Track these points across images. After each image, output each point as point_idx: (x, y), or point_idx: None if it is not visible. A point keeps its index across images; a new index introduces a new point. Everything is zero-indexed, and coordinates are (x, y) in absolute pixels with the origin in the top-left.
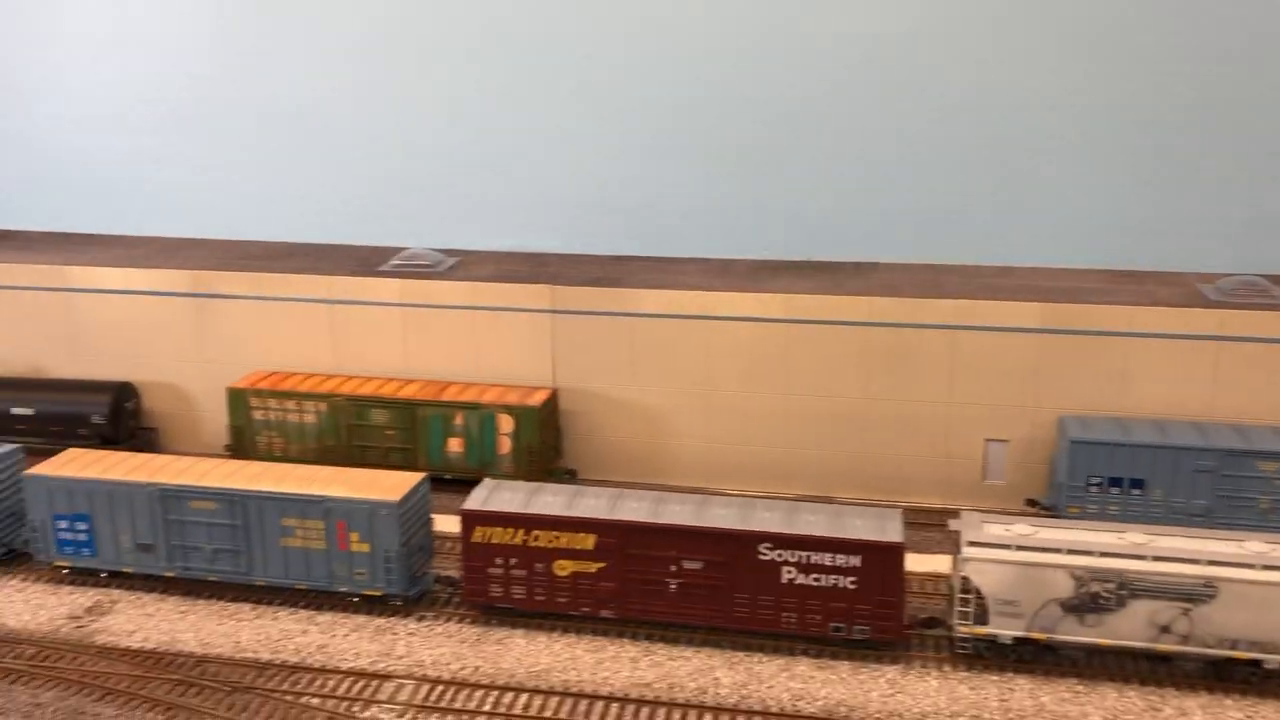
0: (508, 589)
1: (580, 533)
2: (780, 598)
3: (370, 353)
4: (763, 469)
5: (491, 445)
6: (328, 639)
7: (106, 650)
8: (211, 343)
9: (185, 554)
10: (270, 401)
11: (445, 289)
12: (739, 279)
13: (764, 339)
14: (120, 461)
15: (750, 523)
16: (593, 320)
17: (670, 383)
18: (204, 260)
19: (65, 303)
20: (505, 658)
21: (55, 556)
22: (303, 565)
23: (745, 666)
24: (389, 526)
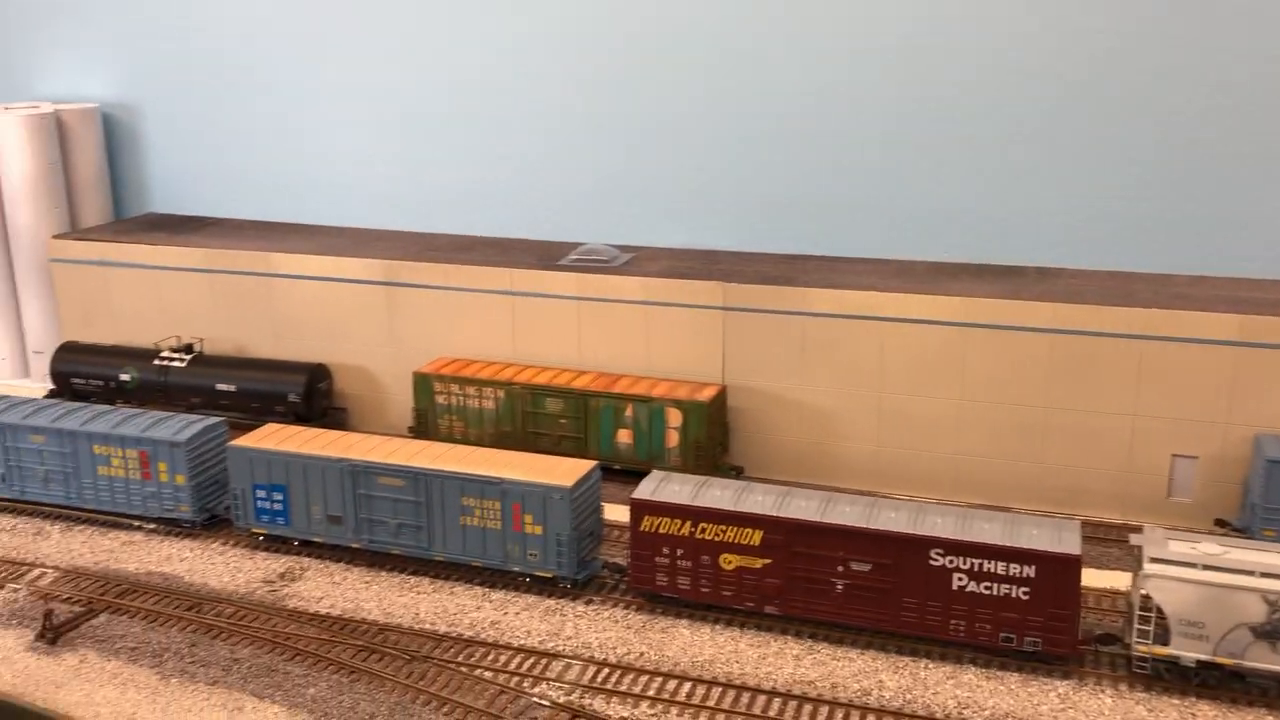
0: (673, 579)
1: (747, 528)
2: (949, 604)
3: (547, 344)
4: (934, 475)
5: (660, 438)
6: (500, 616)
7: (296, 614)
8: (400, 329)
9: (371, 527)
10: (452, 387)
11: (620, 283)
12: (916, 281)
13: (939, 342)
14: (314, 437)
15: (921, 527)
16: (764, 318)
17: (840, 384)
18: (395, 251)
19: (268, 288)
20: (669, 646)
21: (253, 524)
22: (479, 543)
23: (910, 671)
24: (561, 510)
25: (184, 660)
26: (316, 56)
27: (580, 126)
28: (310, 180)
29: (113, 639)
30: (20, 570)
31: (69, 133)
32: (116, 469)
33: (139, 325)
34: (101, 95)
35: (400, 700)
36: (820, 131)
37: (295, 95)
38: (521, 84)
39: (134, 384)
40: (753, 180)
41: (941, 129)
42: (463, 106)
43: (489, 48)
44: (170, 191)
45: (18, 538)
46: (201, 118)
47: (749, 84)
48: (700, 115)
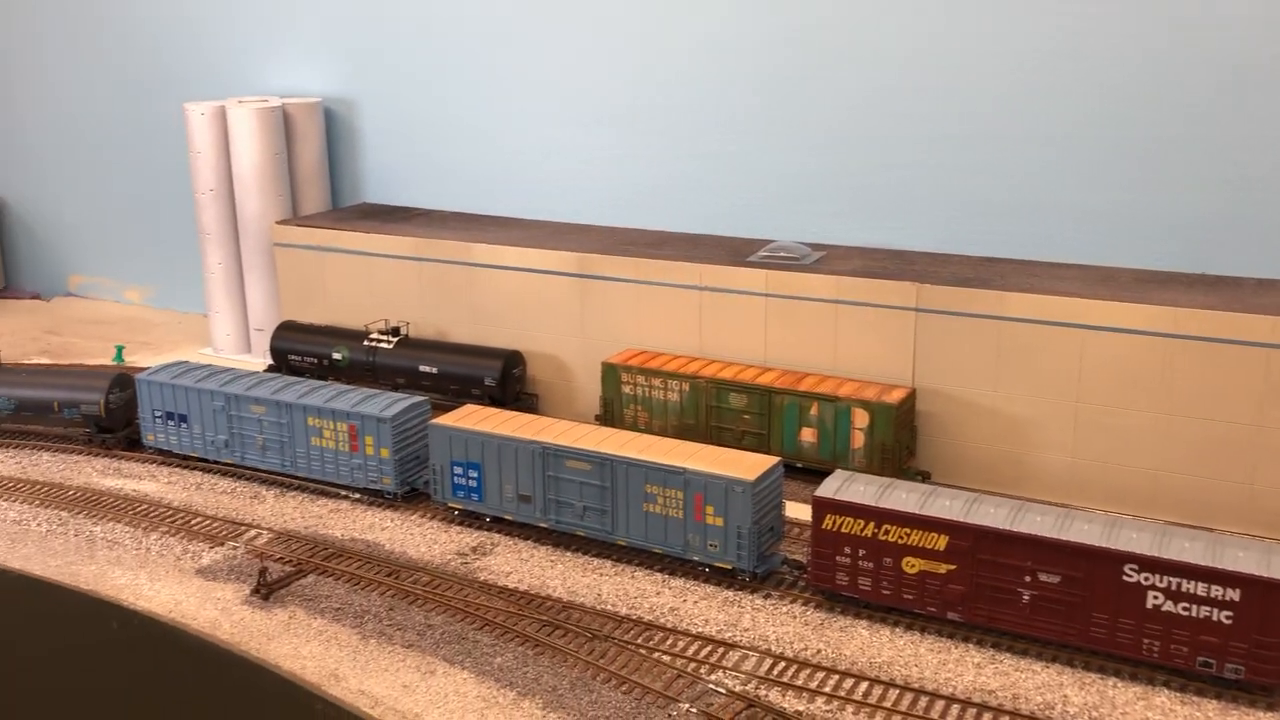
0: (854, 579)
1: (932, 532)
2: (1142, 623)
3: (733, 339)
4: (1132, 490)
5: (845, 438)
6: (679, 603)
7: (486, 586)
8: (590, 320)
9: (559, 508)
10: (639, 378)
11: (809, 281)
12: (1121, 288)
13: (1144, 353)
14: (508, 419)
15: (1116, 541)
16: (958, 321)
17: (1036, 392)
18: (588, 244)
19: (469, 276)
20: (847, 645)
21: (449, 499)
22: (661, 531)
23: (1098, 689)
24: (743, 503)
25: (382, 623)
26: (520, 55)
27: (774, 124)
28: (511, 175)
29: (319, 598)
30: (238, 530)
31: (294, 125)
32: (327, 441)
33: (351, 308)
34: (323, 90)
35: (581, 676)
36: (1021, 130)
37: (499, 92)
38: (716, 81)
39: (345, 363)
40: (950, 180)
41: (1154, 130)
42: (658, 103)
43: (685, 45)
44: (382, 183)
45: (237, 500)
46: (412, 113)
47: (947, 81)
48: (897, 113)
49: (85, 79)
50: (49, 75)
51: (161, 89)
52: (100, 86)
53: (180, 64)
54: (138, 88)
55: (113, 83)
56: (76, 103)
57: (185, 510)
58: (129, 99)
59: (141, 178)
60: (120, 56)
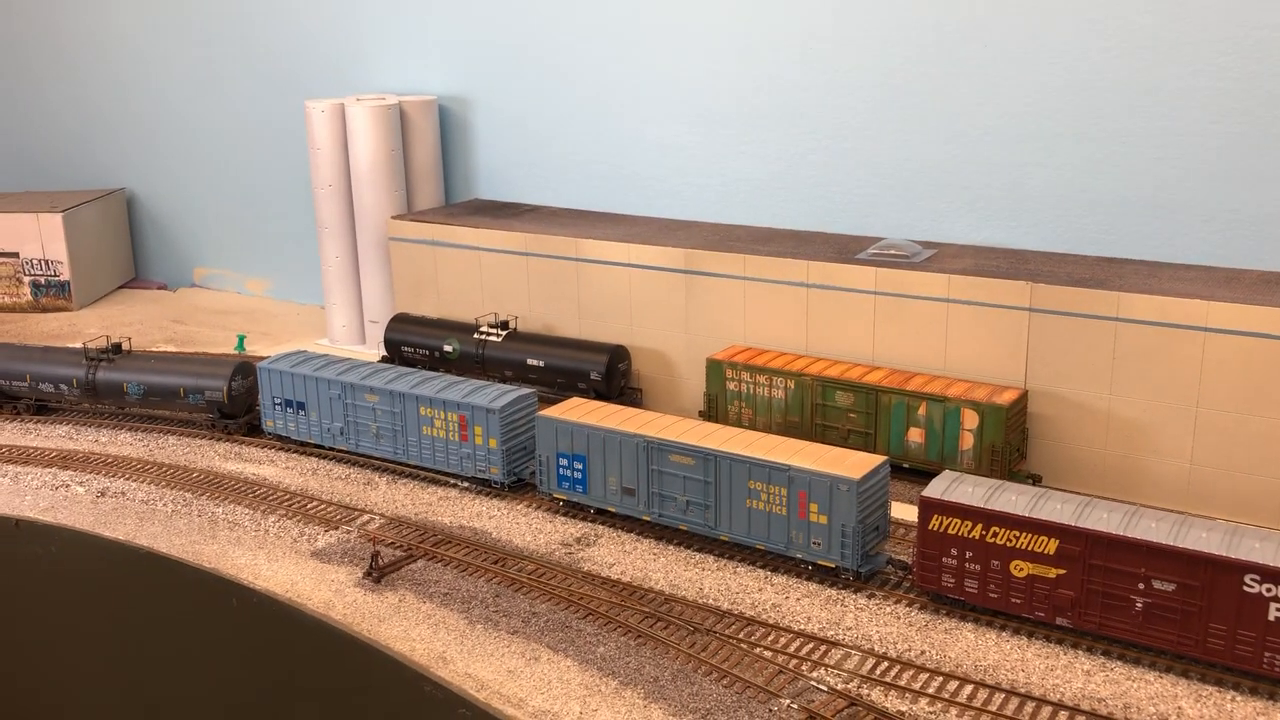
0: (960, 581)
1: (1043, 535)
2: (1264, 635)
3: (840, 337)
4: (1254, 499)
5: (953, 439)
6: (781, 599)
7: (590, 576)
8: (695, 316)
9: (662, 502)
10: (743, 374)
11: (919, 279)
12: (1245, 290)
13: (1269, 357)
14: (614, 413)
15: (1237, 550)
16: (1073, 322)
17: (1153, 396)
18: (695, 240)
19: (576, 271)
20: (952, 647)
21: (555, 489)
22: (764, 527)
23: (1215, 702)
24: (848, 502)
25: (488, 609)
26: (629, 51)
27: (885, 119)
28: (619, 171)
29: (428, 583)
30: (352, 514)
31: (409, 122)
32: (438, 430)
33: (461, 301)
34: (438, 88)
35: (683, 668)
36: (1141, 126)
37: (608, 89)
38: (825, 75)
39: (455, 354)
40: (1067, 177)
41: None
42: (766, 99)
43: (795, 39)
44: (494, 179)
45: (351, 485)
46: (524, 110)
47: (1063, 75)
48: (1011, 110)
49: (210, 77)
50: (175, 73)
51: (283, 86)
52: (225, 84)
53: (301, 62)
54: (261, 86)
55: (237, 81)
56: (202, 100)
57: (302, 494)
58: (252, 97)
59: (263, 173)
60: (243, 55)
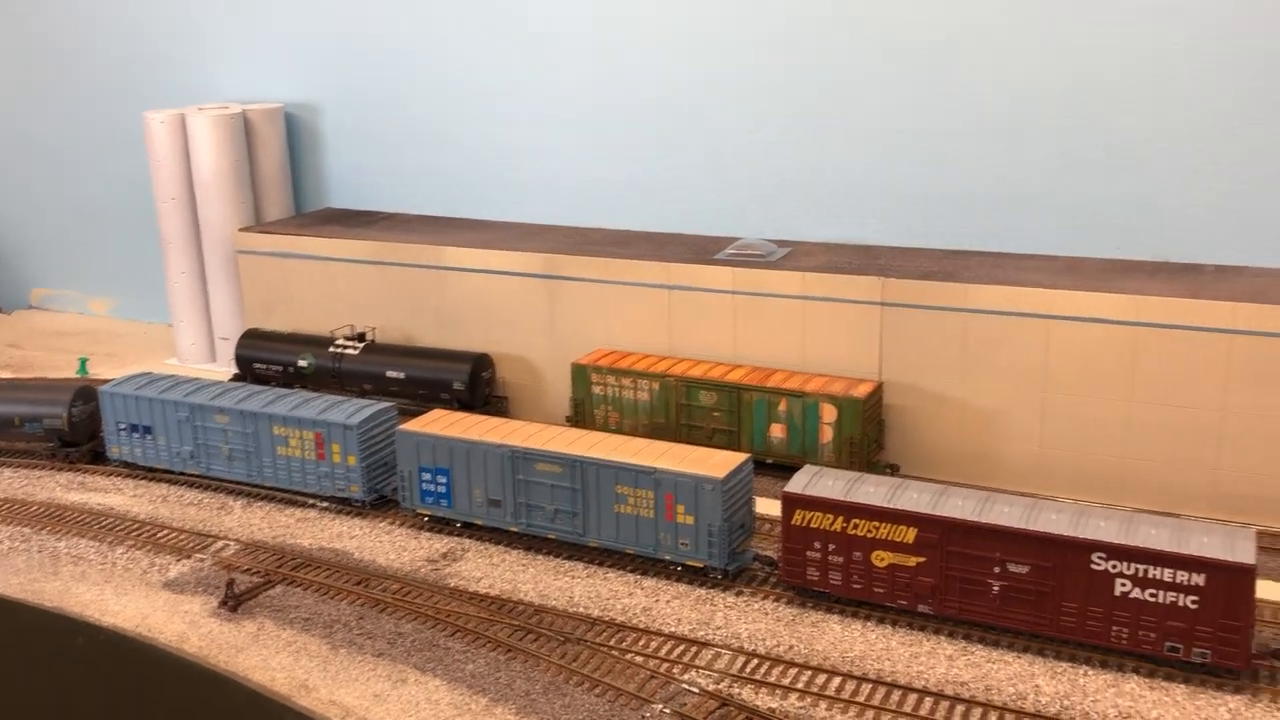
0: (824, 574)
1: (901, 525)
2: (1111, 610)
3: (702, 337)
4: (1099, 479)
5: (813, 433)
6: (652, 603)
7: (457, 592)
8: (559, 321)
9: (529, 511)
10: (609, 378)
11: (775, 278)
12: (1085, 278)
13: (1109, 342)
14: (478, 423)
15: (1084, 530)
16: (923, 314)
17: (1002, 383)
18: (555, 245)
19: (435, 279)
20: (819, 640)
21: (418, 505)
22: (632, 531)
23: (1069, 678)
24: (713, 501)
25: (352, 632)
26: (481, 55)
27: (737, 121)
28: (476, 177)
29: (288, 609)
30: (206, 541)
31: (255, 131)
32: (294, 449)
33: (315, 314)
34: (285, 96)
35: (554, 680)
36: (982, 123)
37: (462, 94)
38: (678, 79)
39: (310, 370)
40: (913, 173)
41: (1114, 121)
42: (622, 103)
43: (649, 45)
44: (346, 187)
45: (204, 511)
46: (375, 117)
47: (905, 75)
48: (859, 108)
49: (44, 88)
50: (5, 86)
51: (121, 97)
52: (59, 96)
53: (140, 72)
54: (97, 97)
55: (72, 92)
56: (35, 114)
57: (151, 523)
58: (88, 108)
59: (103, 188)
60: (79, 65)
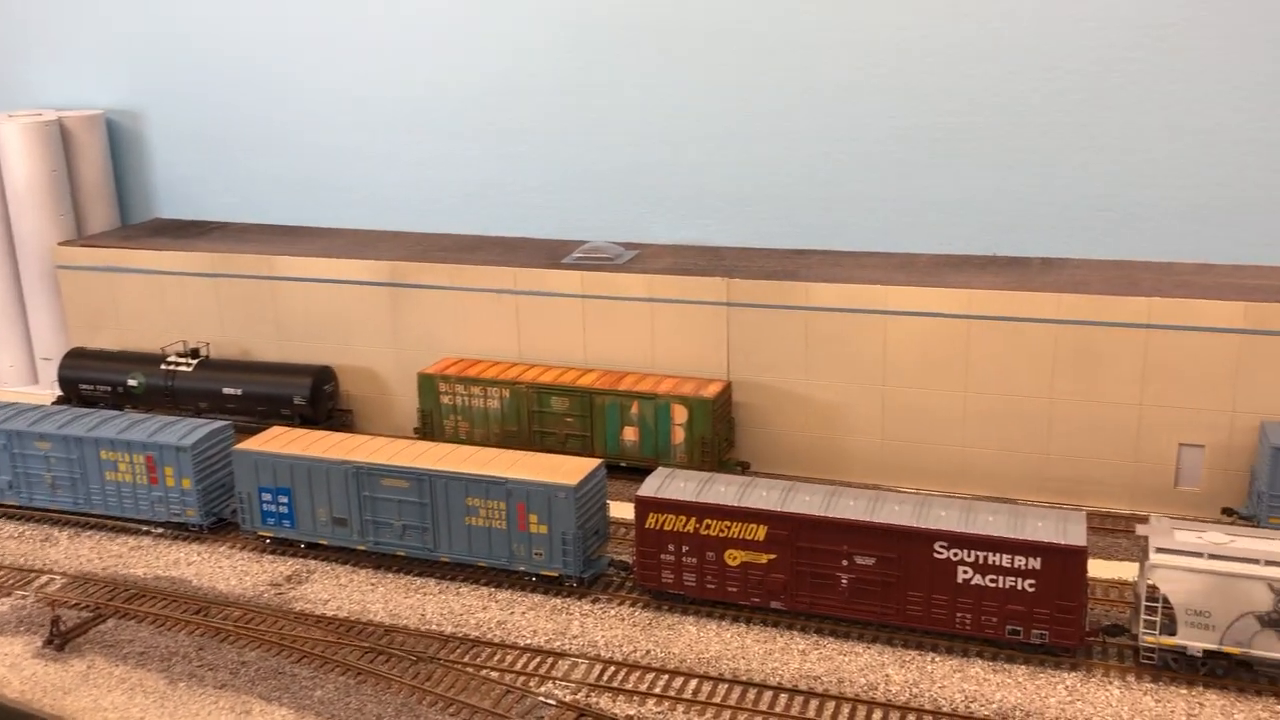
0: (679, 576)
1: (752, 523)
2: (955, 597)
3: (552, 342)
4: (939, 468)
5: (666, 435)
6: (507, 615)
7: (303, 616)
8: (405, 330)
9: (376, 529)
10: (457, 387)
11: (623, 281)
12: (920, 273)
13: (944, 335)
14: (319, 440)
15: (925, 520)
16: (768, 313)
17: (845, 378)
18: (399, 252)
19: (272, 291)
20: (675, 643)
21: (259, 527)
22: (485, 544)
23: (917, 665)
24: (566, 509)
25: (192, 664)
26: (319, 59)
27: (583, 124)
28: (315, 183)
29: (121, 644)
30: (27, 577)
31: (73, 140)
32: (124, 474)
33: (145, 330)
34: (107, 101)
35: (407, 701)
36: (823, 125)
37: (298, 98)
38: (525, 83)
39: (141, 389)
40: (756, 175)
41: (944, 120)
42: (467, 107)
43: (492, 48)
44: (176, 196)
45: (25, 544)
46: (206, 122)
47: (745, 78)
48: (703, 111)
49: None
50: None
51: None
52: None
53: None
54: None
55: None
56: None
57: None
58: None
59: None
60: None
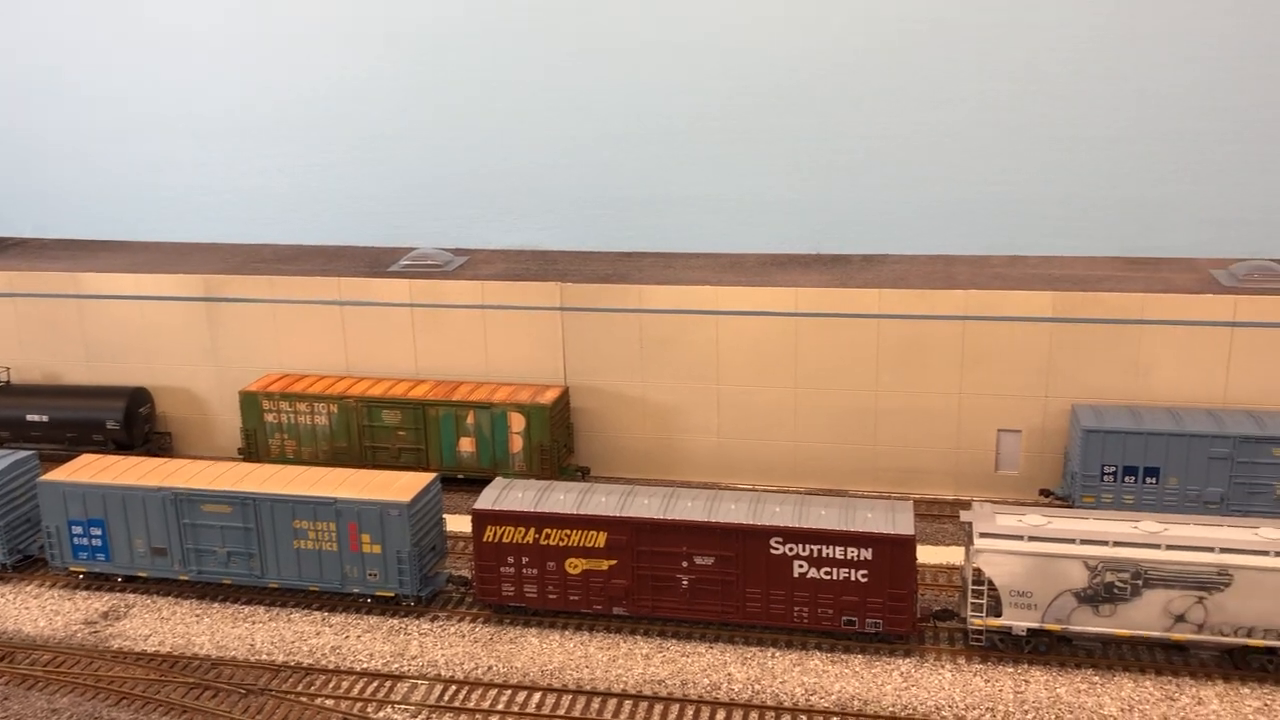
0: (520, 588)
1: (591, 530)
2: (792, 592)
3: (381, 354)
4: (774, 463)
5: (503, 444)
6: (341, 640)
7: (122, 655)
8: (224, 347)
9: (199, 557)
10: (282, 404)
11: (454, 288)
12: (748, 273)
13: (773, 333)
14: (134, 466)
15: (761, 517)
16: (602, 317)
17: (680, 379)
18: (215, 264)
19: (79, 310)
20: (518, 657)
21: (70, 562)
22: (315, 567)
23: (758, 662)
24: (400, 527)
25: None
26: (114, 60)
27: (409, 130)
28: (123, 194)
29: None
30: None
31: None
32: None
33: None
34: None
35: None
36: (653, 127)
37: (96, 101)
38: (348, 89)
39: None
40: (583, 178)
41: (771, 123)
42: (285, 114)
43: (311, 52)
44: None
45: None
46: None
47: (579, 82)
48: (532, 115)
49: None
50: None
51: None
52: None
53: None
54: None
55: None
56: None
57: None
58: None
59: None
60: None
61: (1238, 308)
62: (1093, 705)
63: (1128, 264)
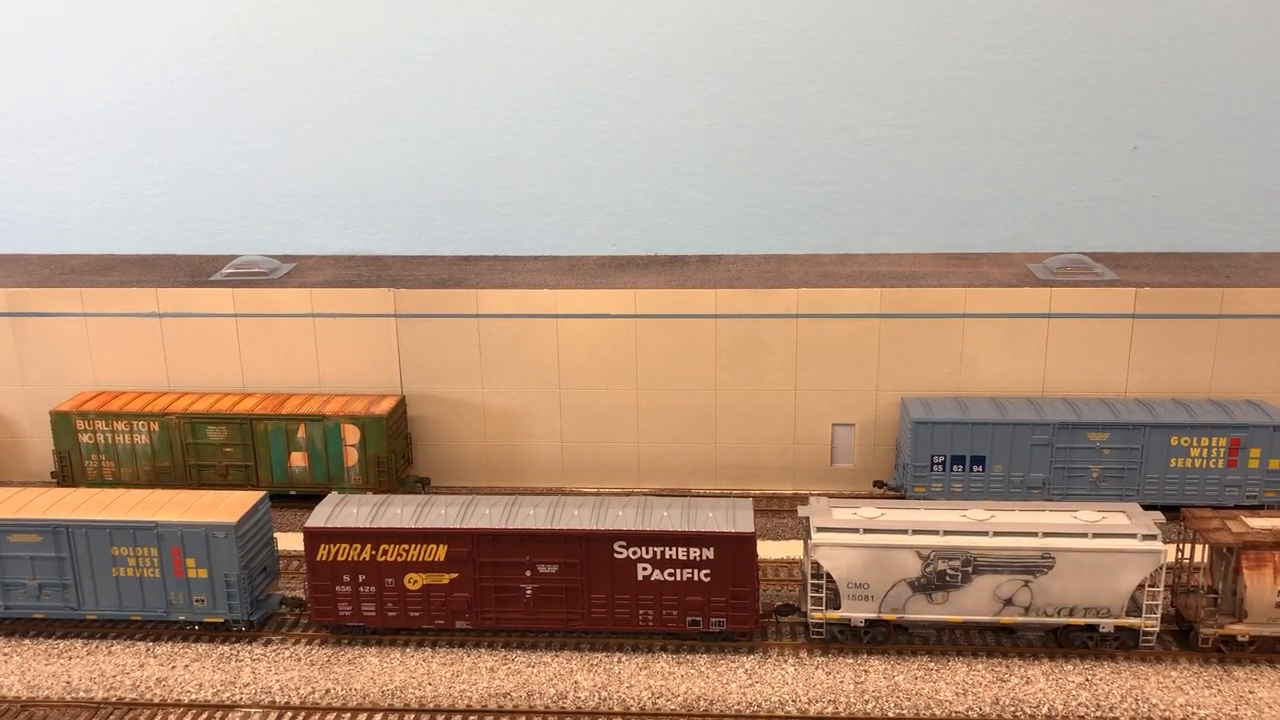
0: (357, 607)
1: (431, 544)
2: (637, 595)
3: (205, 367)
4: (617, 466)
5: (337, 457)
6: (167, 671)
7: None
8: (33, 364)
9: (6, 591)
10: (98, 423)
11: (281, 296)
12: (586, 276)
13: (613, 335)
14: None
15: (603, 522)
16: (438, 323)
17: (520, 383)
18: (21, 276)
19: None
20: (357, 678)
21: None
22: (137, 595)
23: (605, 668)
24: (227, 549)
25: None
26: None
27: (229, 131)
28: None
29: None
30: None
31: None
32: None
33: None
34: None
35: None
36: (491, 128)
37: None
38: (164, 88)
39: None
40: (416, 180)
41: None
42: (97, 114)
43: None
44: None
45: None
46: None
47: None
48: (360, 115)
49: None
50: None
51: None
52: None
53: None
54: None
55: None
56: None
57: None
58: None
59: None
60: None
61: (1053, 299)
62: (929, 691)
63: (950, 259)
